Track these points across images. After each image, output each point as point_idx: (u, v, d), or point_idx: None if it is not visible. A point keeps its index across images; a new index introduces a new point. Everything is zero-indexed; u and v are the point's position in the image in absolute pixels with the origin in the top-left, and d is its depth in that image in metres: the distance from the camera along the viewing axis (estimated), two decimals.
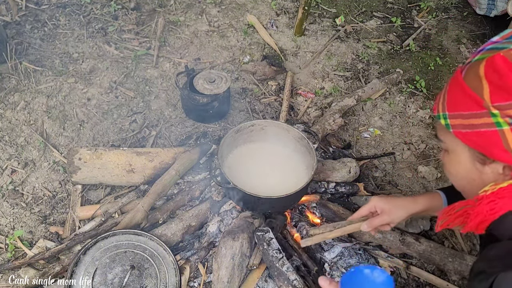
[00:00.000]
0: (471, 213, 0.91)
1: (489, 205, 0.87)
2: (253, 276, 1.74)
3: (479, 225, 0.90)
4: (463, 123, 0.87)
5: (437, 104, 0.96)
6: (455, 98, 0.89)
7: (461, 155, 0.93)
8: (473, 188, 0.96)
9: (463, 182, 1.00)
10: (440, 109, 0.93)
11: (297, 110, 2.67)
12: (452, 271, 1.86)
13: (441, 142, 1.00)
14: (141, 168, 2.02)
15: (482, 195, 0.89)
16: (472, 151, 0.90)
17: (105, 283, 1.64)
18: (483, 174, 0.91)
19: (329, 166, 2.12)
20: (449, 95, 0.91)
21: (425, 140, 2.60)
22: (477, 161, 0.90)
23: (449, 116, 0.90)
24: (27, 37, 2.85)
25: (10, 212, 2.00)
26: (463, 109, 0.87)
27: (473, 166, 0.92)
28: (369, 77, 2.98)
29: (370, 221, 1.38)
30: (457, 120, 0.88)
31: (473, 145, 0.88)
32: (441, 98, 0.94)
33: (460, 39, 3.42)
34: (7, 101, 2.45)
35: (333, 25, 3.35)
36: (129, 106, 2.54)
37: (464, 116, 0.87)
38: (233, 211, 1.94)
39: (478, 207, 0.89)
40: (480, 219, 0.89)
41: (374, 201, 1.40)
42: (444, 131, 0.95)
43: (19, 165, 2.17)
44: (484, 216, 0.88)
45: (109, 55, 2.82)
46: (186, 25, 3.12)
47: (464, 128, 0.87)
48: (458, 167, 0.97)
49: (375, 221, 1.37)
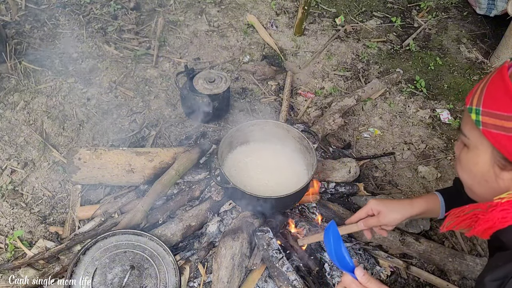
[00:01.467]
0: (481, 218, 0.88)
1: (502, 213, 0.84)
2: (253, 276, 1.74)
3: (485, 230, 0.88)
4: (496, 123, 0.81)
5: (472, 96, 0.88)
6: (494, 96, 0.82)
7: (482, 155, 0.88)
8: (481, 188, 0.93)
9: (473, 182, 0.95)
10: (474, 102, 0.86)
11: (297, 110, 2.67)
12: (452, 271, 1.86)
13: (462, 136, 0.93)
14: (140, 168, 2.02)
15: (497, 202, 0.85)
16: (495, 154, 0.85)
17: (105, 283, 1.64)
18: (499, 179, 0.87)
19: (329, 166, 2.12)
20: (488, 90, 0.84)
21: (425, 140, 2.59)
22: (496, 165, 0.86)
23: (482, 112, 0.83)
24: (26, 37, 2.85)
25: (10, 212, 1.99)
26: (501, 109, 0.80)
27: (491, 168, 0.87)
28: (369, 77, 2.98)
29: (366, 220, 1.42)
30: (490, 119, 0.82)
31: (501, 149, 0.82)
32: (478, 91, 0.87)
33: (460, 39, 3.42)
34: (7, 101, 2.45)
35: (333, 25, 3.35)
36: (129, 106, 2.54)
37: (500, 116, 0.80)
38: (233, 211, 1.94)
39: (490, 214, 0.86)
40: (488, 225, 0.86)
41: (371, 203, 1.42)
42: (472, 126, 0.88)
43: (18, 165, 2.17)
44: (493, 223, 0.85)
45: (109, 55, 2.81)
46: (186, 25, 3.12)
47: (495, 129, 0.81)
48: (474, 166, 0.91)
49: (370, 220, 1.41)
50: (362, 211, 1.44)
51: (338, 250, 1.08)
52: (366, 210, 1.43)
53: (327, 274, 1.78)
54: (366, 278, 1.04)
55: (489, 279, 0.85)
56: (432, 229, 2.07)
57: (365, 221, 1.42)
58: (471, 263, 1.84)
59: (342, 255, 1.08)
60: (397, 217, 1.37)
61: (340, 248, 1.09)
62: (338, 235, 1.11)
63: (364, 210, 1.43)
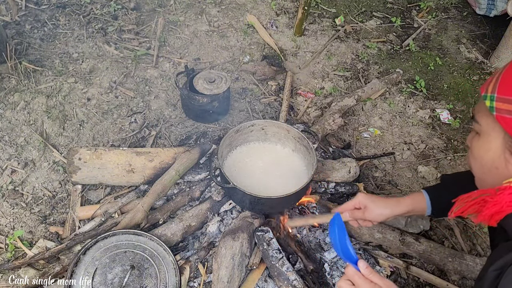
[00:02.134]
0: (489, 201, 0.90)
1: (510, 196, 0.86)
2: (253, 276, 1.74)
3: (493, 215, 0.89)
4: (509, 109, 0.84)
5: (488, 84, 0.92)
6: (509, 82, 0.86)
7: (493, 141, 0.91)
8: (491, 177, 0.95)
9: (484, 169, 0.98)
10: (490, 90, 0.90)
11: (297, 110, 2.67)
12: (452, 271, 1.86)
13: (475, 123, 0.97)
14: (141, 168, 2.02)
15: (506, 186, 0.87)
16: (507, 139, 0.88)
17: (105, 283, 1.64)
18: (509, 165, 0.90)
19: (329, 166, 2.12)
20: (504, 77, 0.88)
21: (425, 140, 2.60)
22: (508, 150, 0.89)
23: (497, 98, 0.87)
24: (27, 37, 2.85)
25: (10, 212, 2.00)
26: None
27: (502, 154, 0.90)
28: (369, 77, 2.98)
29: (352, 212, 1.50)
30: (504, 105, 0.86)
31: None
32: (494, 79, 0.91)
33: (460, 39, 3.42)
34: (7, 101, 2.45)
35: (333, 25, 3.35)
36: (129, 106, 2.54)
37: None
38: (233, 211, 1.94)
39: (498, 197, 0.88)
40: (496, 209, 0.88)
41: (360, 197, 1.48)
42: (485, 113, 0.92)
43: (19, 165, 2.17)
44: (501, 206, 0.87)
45: (109, 55, 2.82)
46: (186, 25, 3.12)
47: (509, 114, 0.85)
48: (485, 153, 0.94)
49: (356, 213, 1.49)
50: (350, 204, 1.51)
51: (342, 241, 1.11)
52: (354, 203, 1.49)
53: (327, 274, 1.78)
54: (369, 271, 1.06)
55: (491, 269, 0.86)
56: (432, 229, 2.07)
57: (351, 212, 1.49)
58: (471, 263, 1.84)
59: (346, 246, 1.11)
60: (382, 214, 1.44)
61: (344, 239, 1.12)
62: (343, 226, 1.14)
63: (352, 202, 1.50)
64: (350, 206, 1.50)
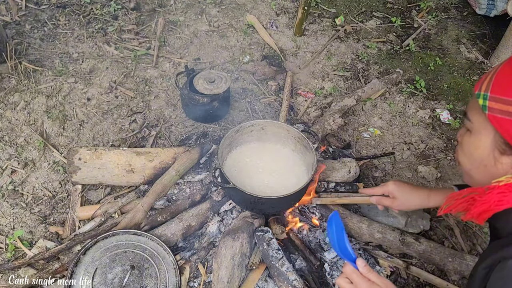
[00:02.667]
0: (477, 200, 0.91)
1: (498, 196, 0.87)
2: (253, 276, 1.74)
3: (481, 214, 0.91)
4: (501, 108, 0.85)
5: (481, 82, 0.92)
6: (505, 82, 0.86)
7: (484, 139, 0.92)
8: (479, 174, 0.96)
9: (472, 166, 0.99)
10: (483, 88, 0.90)
11: (297, 110, 2.67)
12: (452, 271, 1.86)
13: (466, 121, 0.98)
14: (141, 168, 2.02)
15: (495, 185, 0.88)
16: (497, 138, 0.89)
17: (105, 283, 1.64)
18: (497, 163, 0.90)
19: (329, 166, 2.12)
20: (498, 76, 0.88)
21: (425, 140, 2.60)
22: (497, 149, 0.90)
23: (489, 97, 0.88)
24: (27, 37, 2.85)
25: (10, 212, 2.00)
26: (508, 95, 0.84)
27: (491, 153, 0.91)
28: (369, 77, 2.98)
29: (380, 199, 1.51)
30: (496, 104, 0.86)
31: (504, 133, 0.86)
32: (487, 78, 0.91)
33: (460, 39, 3.42)
34: (7, 101, 2.45)
35: (333, 25, 3.35)
36: (129, 106, 2.54)
37: (507, 102, 0.84)
38: (233, 211, 1.94)
39: (487, 196, 0.89)
40: (484, 208, 0.89)
41: (391, 187, 1.49)
42: (477, 111, 0.92)
43: (19, 165, 2.17)
44: (489, 205, 0.88)
45: (109, 55, 2.82)
46: (186, 25, 3.12)
47: (501, 114, 0.85)
48: (475, 150, 0.95)
49: (384, 201, 1.50)
50: (379, 190, 1.52)
51: (340, 240, 1.12)
52: (383, 190, 1.51)
53: (327, 274, 1.78)
54: (367, 269, 1.07)
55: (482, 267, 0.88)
56: (432, 229, 2.07)
57: (379, 199, 1.51)
58: (471, 263, 1.84)
59: (345, 245, 1.11)
60: (411, 206, 1.46)
61: (342, 238, 1.12)
62: (341, 225, 1.14)
63: (381, 189, 1.51)
64: (379, 192, 1.51)
